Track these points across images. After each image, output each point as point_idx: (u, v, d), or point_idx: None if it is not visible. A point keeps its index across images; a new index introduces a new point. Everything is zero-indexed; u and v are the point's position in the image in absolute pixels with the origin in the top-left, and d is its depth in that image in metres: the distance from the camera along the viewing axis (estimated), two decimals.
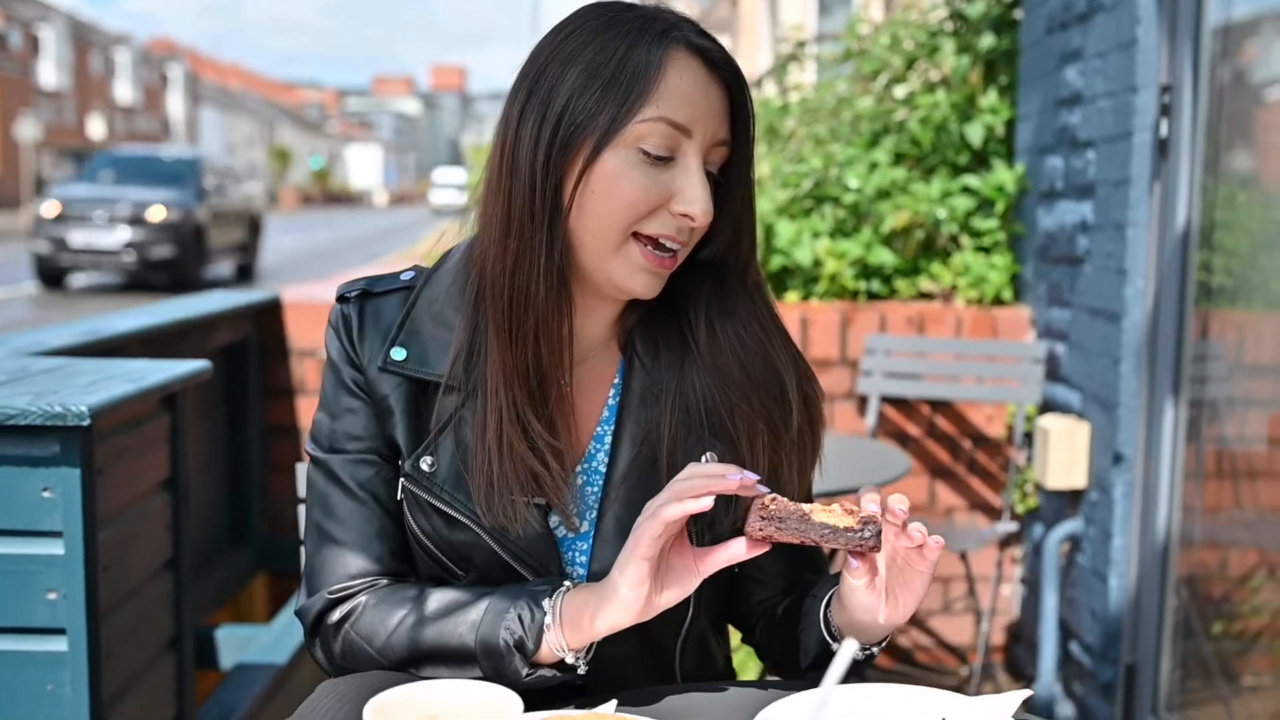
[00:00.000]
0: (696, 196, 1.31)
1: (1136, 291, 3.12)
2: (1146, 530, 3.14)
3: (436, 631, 1.35)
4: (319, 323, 3.80)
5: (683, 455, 1.40)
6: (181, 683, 2.26)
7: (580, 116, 1.31)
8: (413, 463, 1.39)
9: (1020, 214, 4.05)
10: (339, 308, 1.45)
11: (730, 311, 1.44)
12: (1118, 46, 3.21)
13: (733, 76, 1.35)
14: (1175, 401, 3.07)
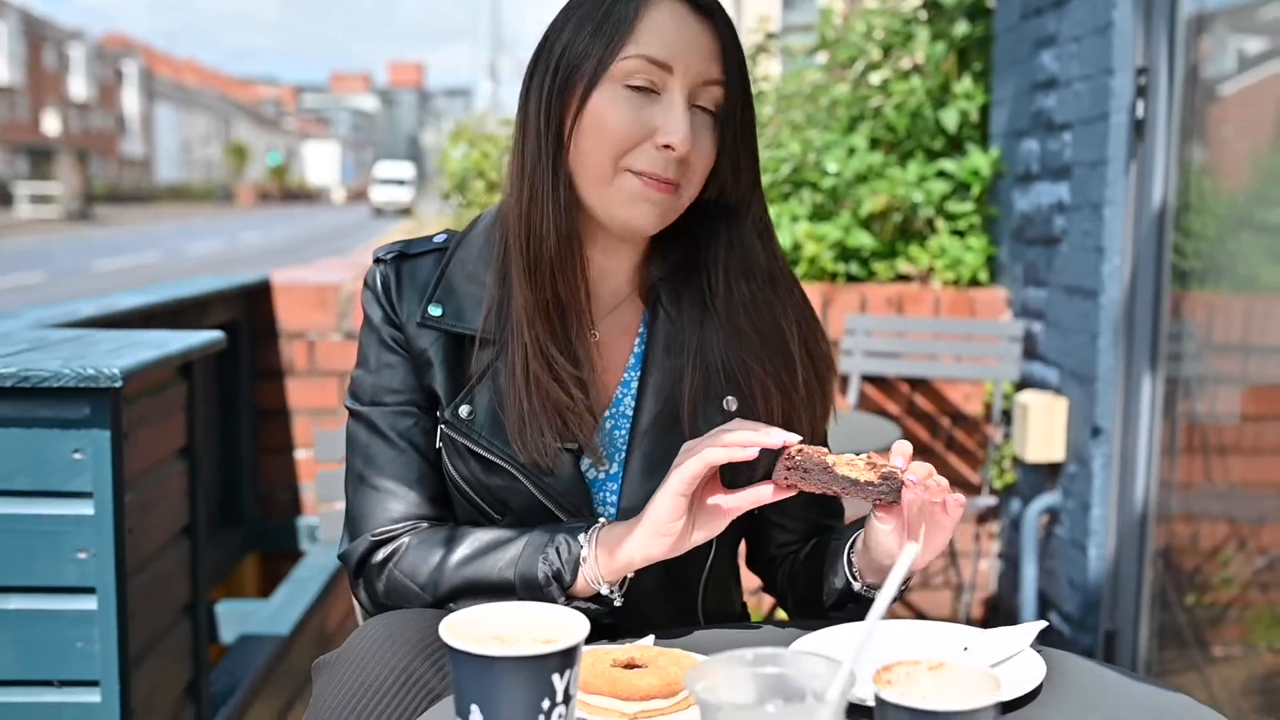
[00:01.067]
0: (677, 128, 1.38)
1: (1114, 269, 3.22)
2: (1125, 501, 3.23)
3: (477, 567, 1.43)
4: (308, 305, 3.85)
5: (703, 404, 1.49)
6: (197, 648, 2.31)
7: (574, 60, 1.41)
8: (452, 410, 1.47)
9: (995, 197, 4.15)
10: (376, 269, 1.53)
11: (745, 266, 1.51)
12: (1093, 30, 3.30)
13: (720, 19, 1.43)
14: (1153, 376, 3.17)
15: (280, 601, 3.06)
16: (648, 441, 1.49)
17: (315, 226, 40.29)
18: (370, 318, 1.53)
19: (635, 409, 1.50)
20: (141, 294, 3.21)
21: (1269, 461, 3.12)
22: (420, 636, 1.36)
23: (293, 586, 3.18)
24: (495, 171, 5.02)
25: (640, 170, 1.40)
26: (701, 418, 1.48)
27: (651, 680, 1.23)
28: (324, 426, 3.91)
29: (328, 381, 3.91)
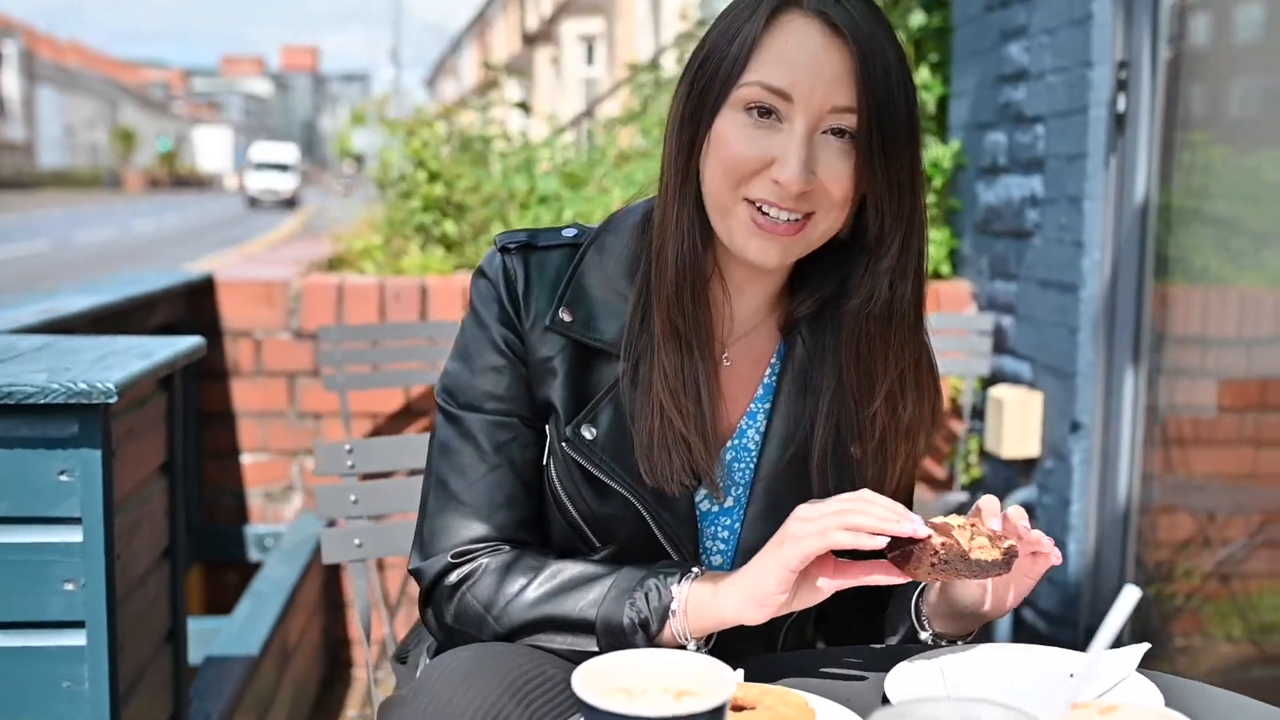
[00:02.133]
0: (791, 161, 1.28)
1: (1094, 263, 3.18)
2: (1106, 496, 3.20)
3: (557, 603, 1.33)
4: (255, 303, 3.68)
5: (834, 455, 1.40)
6: (178, 677, 2.16)
7: (709, 75, 1.33)
8: (574, 429, 1.37)
9: (957, 189, 4.10)
10: (501, 258, 1.41)
11: (878, 312, 1.38)
12: (1070, 23, 3.25)
13: (858, 39, 1.29)
14: (1135, 370, 3.14)
15: (244, 618, 2.91)
16: (774, 483, 1.40)
17: (209, 213, 39.43)
18: (481, 313, 1.41)
19: (761, 445, 1.41)
20: (87, 294, 3.03)
21: (1255, 453, 3.11)
22: (504, 672, 1.27)
23: (255, 601, 3.02)
24: (436, 161, 4.87)
25: (758, 199, 1.30)
26: (831, 466, 1.40)
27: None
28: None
29: (275, 382, 3.75)
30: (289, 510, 3.80)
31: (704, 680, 1.03)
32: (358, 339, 3.57)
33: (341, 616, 3.83)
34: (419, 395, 3.78)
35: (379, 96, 10.66)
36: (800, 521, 1.25)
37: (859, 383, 1.39)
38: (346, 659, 3.85)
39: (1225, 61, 3.25)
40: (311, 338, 3.73)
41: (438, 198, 4.77)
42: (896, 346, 1.39)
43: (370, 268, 4.45)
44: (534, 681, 1.28)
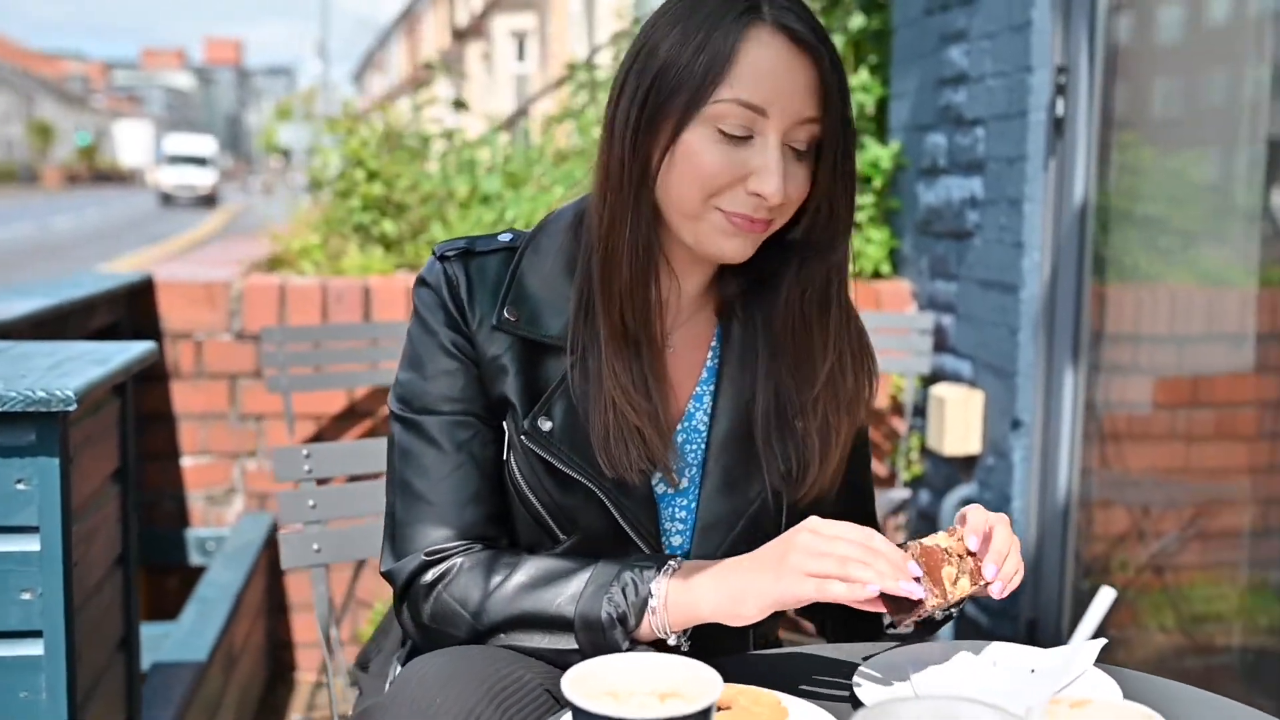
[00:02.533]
0: (770, 176, 1.32)
1: (1034, 264, 3.23)
2: (1046, 492, 3.26)
3: (535, 599, 1.35)
4: (195, 304, 3.65)
5: (776, 425, 1.44)
6: (131, 684, 2.14)
7: (670, 86, 1.33)
8: (531, 422, 1.40)
9: (897, 190, 4.15)
10: (441, 265, 1.44)
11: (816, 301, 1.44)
12: (1009, 28, 3.31)
13: (821, 53, 1.33)
14: (1074, 369, 3.20)
15: (191, 623, 2.88)
16: (723, 457, 1.45)
17: (132, 209, 38.78)
18: (427, 320, 1.43)
19: (710, 425, 1.45)
20: (25, 297, 2.98)
21: (1186, 448, 3.19)
22: (482, 677, 1.28)
23: (201, 606, 3.00)
24: (375, 160, 4.84)
25: (730, 210, 1.34)
26: (776, 440, 1.44)
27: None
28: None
29: (217, 385, 3.71)
30: (231, 513, 3.76)
31: (690, 683, 1.05)
32: (301, 340, 3.55)
33: (285, 620, 3.81)
34: (363, 396, 3.76)
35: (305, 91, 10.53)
36: (804, 554, 1.25)
37: (800, 366, 1.45)
38: (290, 663, 3.83)
39: (1155, 64, 3.32)
40: (253, 339, 3.70)
41: (377, 197, 4.74)
42: (835, 331, 1.45)
43: (309, 268, 4.42)
44: (511, 686, 1.29)
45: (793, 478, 1.44)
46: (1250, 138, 2.92)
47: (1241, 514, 3.06)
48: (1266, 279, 2.88)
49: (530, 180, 5.03)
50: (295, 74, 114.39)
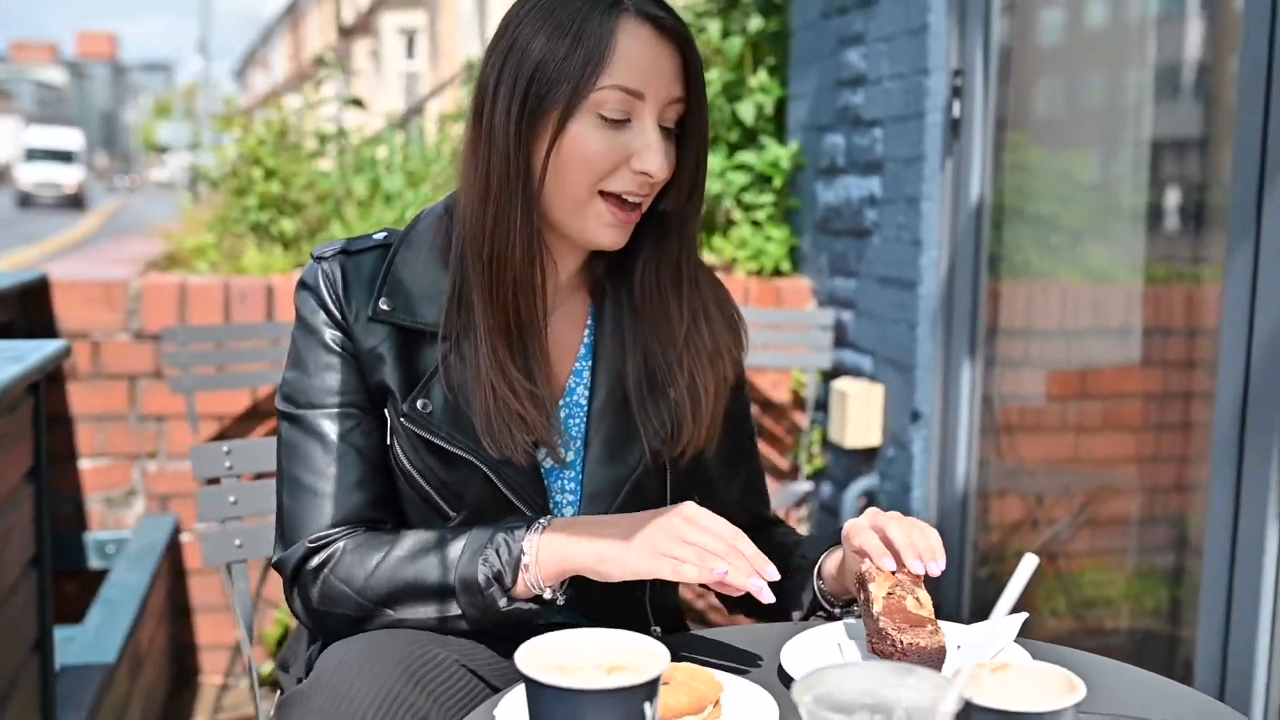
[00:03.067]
0: (653, 154, 1.42)
1: (932, 261, 3.33)
2: (946, 482, 3.35)
3: (416, 570, 1.40)
4: (91, 303, 3.59)
5: (648, 393, 1.53)
6: (46, 687, 2.11)
7: (547, 82, 1.41)
8: (409, 404, 1.46)
9: (795, 189, 4.22)
10: (319, 266, 1.50)
11: (670, 273, 1.55)
12: (906, 31, 3.39)
13: (682, 39, 1.45)
14: (971, 362, 3.29)
15: (97, 625, 2.84)
16: (603, 427, 1.52)
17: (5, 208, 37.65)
18: (307, 320, 1.50)
19: (590, 398, 1.53)
20: None
21: (1075, 439, 3.30)
22: (398, 658, 1.32)
23: (106, 608, 2.95)
24: (272, 158, 4.79)
25: (616, 191, 1.44)
26: (650, 407, 1.52)
27: (681, 697, 1.21)
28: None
29: (115, 385, 3.65)
30: (130, 515, 3.71)
31: (637, 657, 1.09)
32: (203, 340, 3.51)
33: (188, 623, 3.76)
34: (266, 396, 3.73)
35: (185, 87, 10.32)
36: (669, 537, 1.32)
37: (660, 333, 1.54)
38: (193, 666, 3.78)
39: (1047, 67, 3.43)
40: (153, 339, 3.65)
41: (274, 195, 4.70)
42: (688, 295, 1.55)
43: (204, 267, 4.37)
44: (428, 665, 1.33)
45: (669, 438, 1.52)
46: (1135, 139, 3.03)
47: (1129, 502, 3.17)
48: (1151, 276, 2.99)
49: (428, 179, 5.02)
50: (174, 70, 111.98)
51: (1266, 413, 2.22)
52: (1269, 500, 2.22)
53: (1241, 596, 2.29)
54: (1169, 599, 3.00)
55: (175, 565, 3.70)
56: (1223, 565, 2.33)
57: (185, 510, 3.72)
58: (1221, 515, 2.33)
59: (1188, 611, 2.87)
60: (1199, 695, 1.32)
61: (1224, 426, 2.32)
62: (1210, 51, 2.83)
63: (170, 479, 3.71)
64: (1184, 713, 1.27)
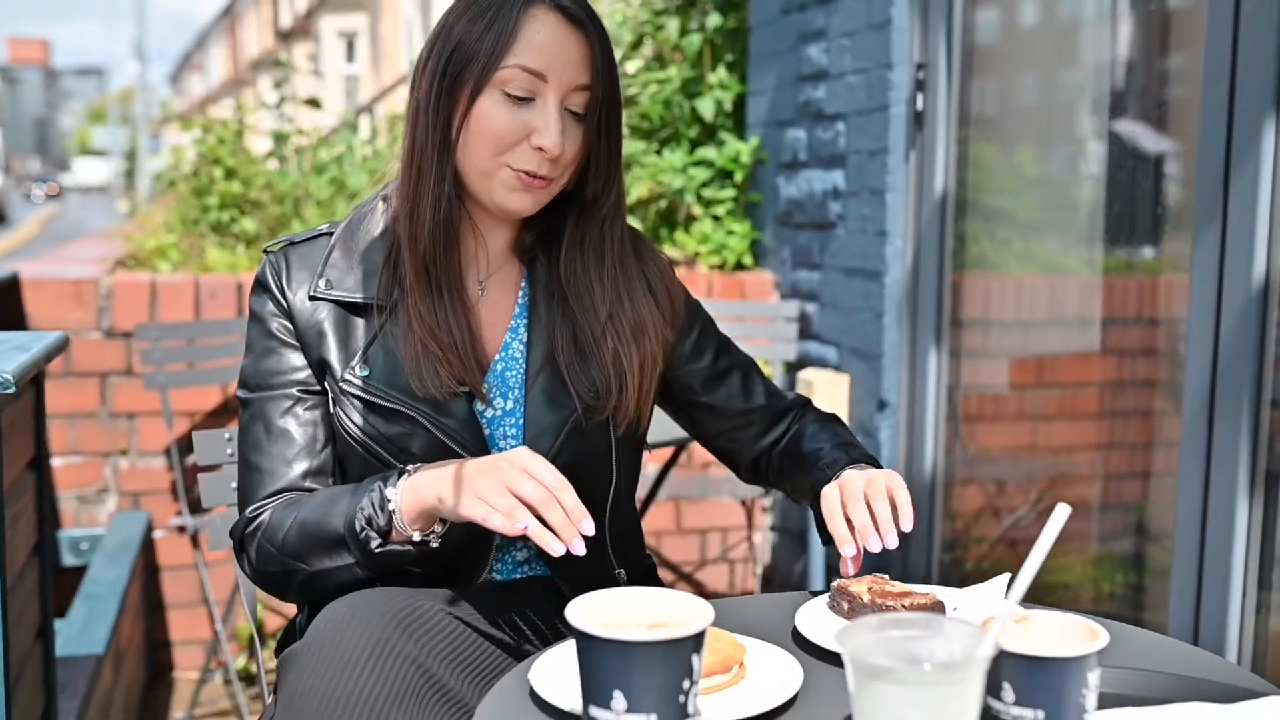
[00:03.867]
0: (549, 131, 1.54)
1: (896, 251, 3.41)
2: (913, 468, 3.44)
3: (317, 522, 1.51)
4: (62, 301, 3.60)
5: (575, 357, 1.64)
6: (48, 674, 2.13)
7: (463, 59, 1.55)
8: (349, 370, 1.59)
9: (756, 184, 4.30)
10: (268, 259, 1.65)
11: (594, 248, 1.67)
12: (869, 27, 3.48)
13: (591, 29, 1.58)
14: (937, 351, 3.37)
15: (81, 619, 2.86)
16: (540, 378, 1.63)
17: None
18: (256, 311, 1.64)
19: (527, 353, 1.65)
20: None
21: (1034, 426, 3.39)
22: (385, 609, 1.40)
23: (89, 603, 2.97)
24: (233, 158, 4.80)
25: (518, 167, 1.56)
26: (578, 366, 1.63)
27: (709, 657, 1.26)
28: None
29: (87, 383, 3.66)
30: (103, 513, 3.71)
31: (679, 612, 1.13)
32: (176, 337, 3.52)
33: (161, 620, 3.77)
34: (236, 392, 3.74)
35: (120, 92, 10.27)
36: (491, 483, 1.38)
37: (583, 307, 1.65)
38: (167, 662, 3.79)
39: (1010, 60, 3.52)
40: (124, 336, 3.65)
41: (235, 195, 4.71)
42: (610, 272, 1.67)
43: (166, 266, 4.37)
44: (415, 614, 1.41)
45: (599, 400, 1.63)
46: (1097, 132, 3.13)
47: (1088, 488, 3.26)
48: (1111, 267, 3.08)
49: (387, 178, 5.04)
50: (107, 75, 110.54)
51: (1235, 393, 2.30)
52: (1238, 482, 2.30)
53: (1210, 580, 2.36)
54: (1128, 584, 3.09)
55: (148, 562, 3.71)
56: (1193, 549, 2.40)
57: (157, 507, 3.73)
58: (1191, 498, 2.39)
59: (1148, 597, 2.97)
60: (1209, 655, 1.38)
61: (1193, 407, 2.40)
62: (1172, 44, 2.92)
63: (142, 476, 3.72)
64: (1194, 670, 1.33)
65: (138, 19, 31.34)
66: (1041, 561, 1.09)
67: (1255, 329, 2.27)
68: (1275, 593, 2.35)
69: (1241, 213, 2.27)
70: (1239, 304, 2.28)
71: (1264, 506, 2.31)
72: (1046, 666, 1.04)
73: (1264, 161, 2.24)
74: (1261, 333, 2.27)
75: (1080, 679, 1.04)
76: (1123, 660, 1.31)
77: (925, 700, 0.97)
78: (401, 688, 1.34)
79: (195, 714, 3.51)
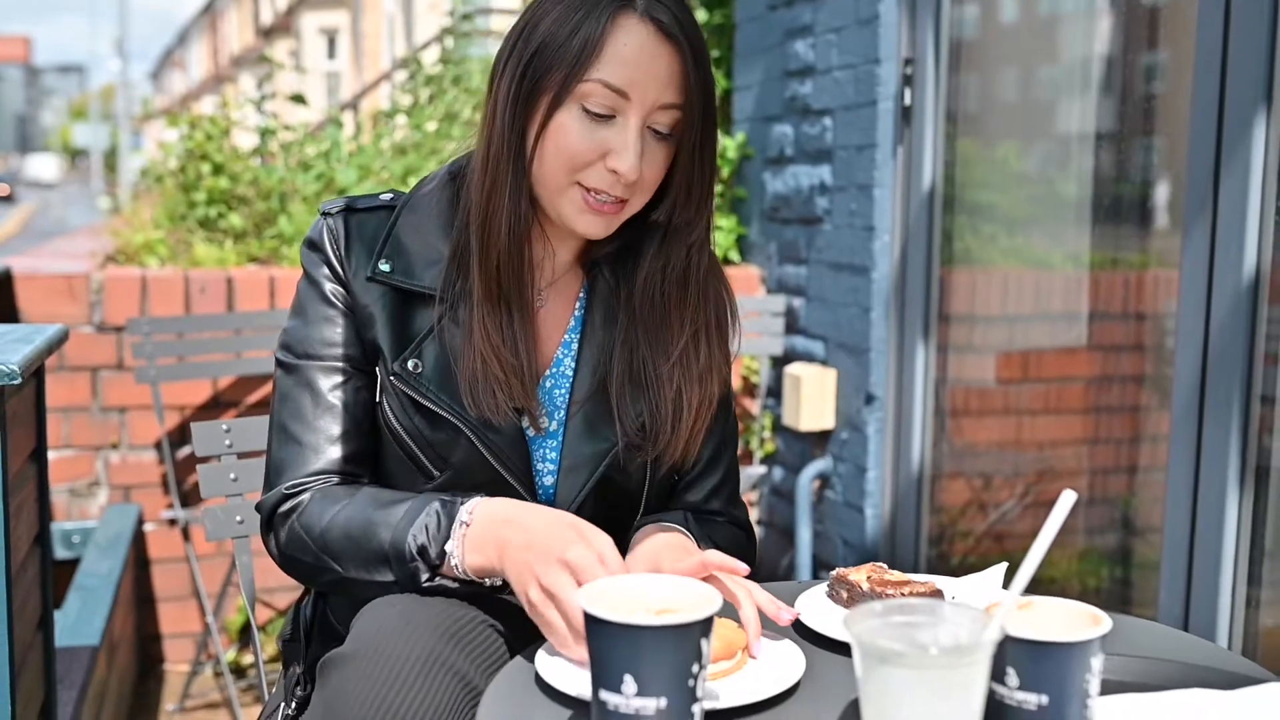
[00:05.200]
0: (626, 154, 1.44)
1: (884, 246, 3.44)
2: (900, 463, 3.47)
3: (362, 529, 1.44)
4: (54, 296, 3.61)
5: (629, 387, 1.56)
6: (48, 664, 2.15)
7: (545, 65, 1.45)
8: (400, 364, 1.51)
9: (742, 179, 4.32)
10: (324, 221, 1.55)
11: (676, 278, 1.57)
12: (856, 22, 3.50)
13: (686, 44, 1.47)
14: (925, 346, 3.40)
15: (77, 611, 2.87)
16: (586, 403, 1.56)
17: None
18: (310, 272, 1.55)
19: (575, 371, 1.57)
20: None
21: (1019, 421, 3.42)
22: (437, 621, 1.35)
23: (84, 595, 2.98)
24: (220, 154, 4.80)
25: (590, 186, 1.46)
26: (629, 397, 1.55)
27: (715, 644, 1.28)
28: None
29: (78, 377, 3.66)
30: (94, 506, 3.72)
31: (687, 599, 1.14)
32: (167, 331, 3.53)
33: (152, 613, 3.78)
34: (226, 386, 3.76)
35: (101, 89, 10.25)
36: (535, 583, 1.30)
37: (655, 338, 1.57)
38: (158, 655, 3.80)
39: (998, 55, 3.55)
40: (115, 331, 3.66)
41: (223, 190, 4.71)
42: (691, 308, 1.58)
43: (154, 262, 4.37)
44: (466, 628, 1.36)
45: (646, 436, 1.55)
46: (1084, 127, 3.16)
47: (1074, 483, 3.30)
48: (1098, 262, 3.12)
49: (373, 174, 5.05)
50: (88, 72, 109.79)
51: (1225, 388, 2.33)
52: (1228, 476, 2.32)
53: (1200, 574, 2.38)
54: (1113, 579, 3.13)
55: (139, 555, 3.72)
56: (1183, 542, 2.42)
57: (148, 501, 3.74)
58: (1181, 492, 2.42)
59: (1134, 591, 3.00)
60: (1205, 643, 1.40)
61: (1183, 401, 2.43)
62: (1159, 39, 2.96)
63: (133, 469, 3.72)
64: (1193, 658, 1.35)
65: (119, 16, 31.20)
66: (1047, 548, 1.11)
67: (1245, 324, 2.30)
68: (1265, 588, 2.38)
69: (1231, 208, 2.30)
70: (1229, 300, 2.31)
71: (1254, 502, 2.34)
72: (1051, 651, 1.05)
73: (1254, 157, 2.26)
74: (1251, 328, 2.30)
75: (1084, 664, 1.06)
76: (1123, 649, 1.33)
77: (931, 684, 0.99)
78: (448, 703, 1.30)
79: (186, 706, 3.52)
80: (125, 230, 5.15)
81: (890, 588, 1.43)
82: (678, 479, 1.67)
